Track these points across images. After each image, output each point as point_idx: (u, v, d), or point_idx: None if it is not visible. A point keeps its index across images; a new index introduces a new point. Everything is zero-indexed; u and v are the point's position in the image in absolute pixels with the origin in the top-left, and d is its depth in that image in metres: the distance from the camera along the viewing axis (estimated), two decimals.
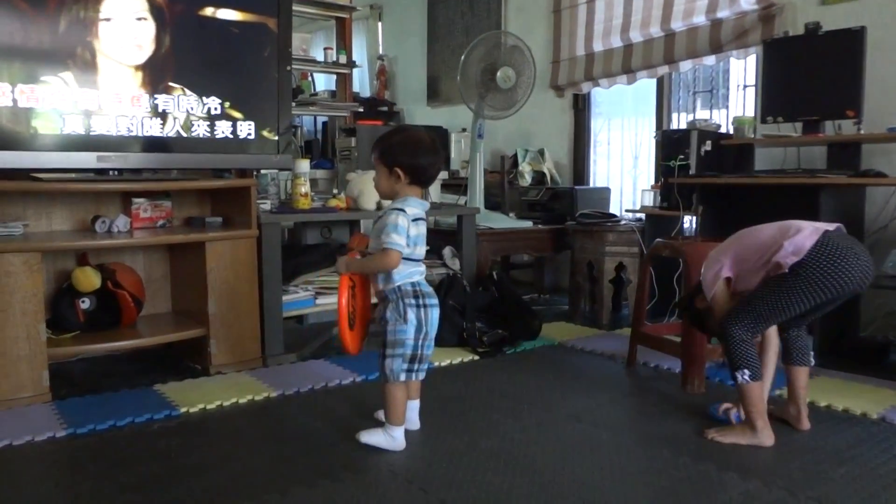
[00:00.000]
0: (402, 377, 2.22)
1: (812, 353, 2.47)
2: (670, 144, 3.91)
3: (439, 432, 2.38)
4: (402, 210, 2.20)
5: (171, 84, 2.94)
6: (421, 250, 2.27)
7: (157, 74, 2.90)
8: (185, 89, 2.98)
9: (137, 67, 2.86)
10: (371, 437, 2.25)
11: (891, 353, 3.26)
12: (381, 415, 2.40)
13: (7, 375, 2.62)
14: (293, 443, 2.32)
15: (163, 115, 2.94)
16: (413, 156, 2.23)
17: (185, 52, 2.96)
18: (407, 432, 2.34)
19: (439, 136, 5.65)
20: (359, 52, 6.78)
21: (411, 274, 2.24)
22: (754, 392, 2.25)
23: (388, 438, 2.24)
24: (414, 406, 2.39)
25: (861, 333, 3.41)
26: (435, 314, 2.28)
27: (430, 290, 2.29)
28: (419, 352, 2.24)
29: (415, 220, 2.23)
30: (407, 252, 2.21)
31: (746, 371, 2.23)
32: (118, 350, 3.24)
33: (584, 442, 2.33)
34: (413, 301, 2.23)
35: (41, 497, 1.96)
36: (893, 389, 2.79)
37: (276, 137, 3.21)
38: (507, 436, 2.37)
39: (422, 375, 2.27)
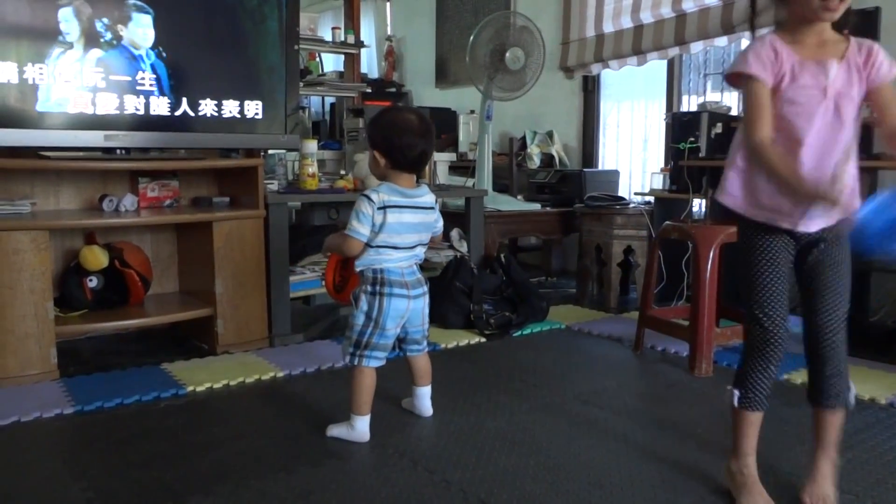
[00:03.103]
0: (347, 360, 2.17)
1: None
2: (680, 127, 3.88)
3: (445, 413, 2.38)
4: (368, 197, 2.10)
5: (178, 63, 2.93)
6: (400, 239, 2.13)
7: (164, 52, 2.89)
8: (193, 68, 2.97)
9: (145, 45, 2.85)
10: (335, 430, 2.20)
11: None
12: (405, 403, 2.42)
13: (15, 353, 2.63)
14: (299, 422, 2.33)
15: (170, 94, 2.92)
16: (391, 138, 2.10)
17: (192, 31, 2.95)
18: (414, 415, 2.36)
19: (446, 118, 5.64)
20: (367, 33, 6.73)
21: (376, 261, 2.13)
22: None
23: (348, 429, 2.17)
24: (422, 393, 2.37)
25: (870, 319, 3.39)
26: (394, 304, 2.13)
27: (400, 279, 2.15)
28: (364, 339, 2.14)
29: (383, 207, 2.09)
30: (369, 238, 2.11)
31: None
32: (126, 329, 3.24)
33: (590, 424, 2.33)
34: (369, 288, 2.14)
35: (49, 473, 1.97)
36: None
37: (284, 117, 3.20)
38: (513, 417, 2.37)
39: (372, 363, 2.16)
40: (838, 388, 1.74)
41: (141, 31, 2.83)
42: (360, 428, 2.17)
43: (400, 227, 2.13)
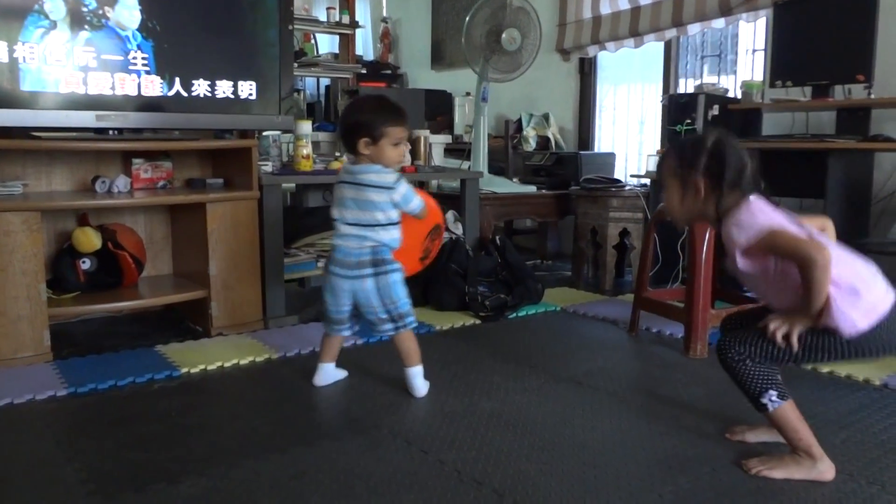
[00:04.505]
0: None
1: None
2: (677, 109, 3.87)
3: (440, 394, 2.38)
4: None
5: (167, 42, 2.90)
6: (347, 213, 2.27)
7: (152, 32, 2.86)
8: (183, 48, 2.94)
9: (131, 26, 2.82)
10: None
11: None
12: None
13: (8, 335, 2.62)
14: (293, 403, 2.32)
15: (162, 74, 2.90)
16: None
17: (182, 9, 2.92)
18: (408, 396, 2.36)
19: (441, 100, 5.61)
20: (362, 14, 6.68)
21: (335, 236, 2.31)
22: (791, 414, 1.83)
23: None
24: (409, 374, 2.38)
25: None
26: (329, 280, 2.31)
27: (343, 258, 2.27)
28: (324, 309, 2.37)
29: (338, 182, 2.31)
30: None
31: (772, 391, 1.80)
32: (119, 311, 3.24)
33: (584, 405, 2.33)
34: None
35: (42, 455, 1.96)
36: None
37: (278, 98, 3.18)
38: (507, 398, 2.37)
39: (332, 332, 2.39)
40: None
41: (127, 12, 2.80)
42: (317, 371, 2.43)
43: (341, 200, 2.29)
